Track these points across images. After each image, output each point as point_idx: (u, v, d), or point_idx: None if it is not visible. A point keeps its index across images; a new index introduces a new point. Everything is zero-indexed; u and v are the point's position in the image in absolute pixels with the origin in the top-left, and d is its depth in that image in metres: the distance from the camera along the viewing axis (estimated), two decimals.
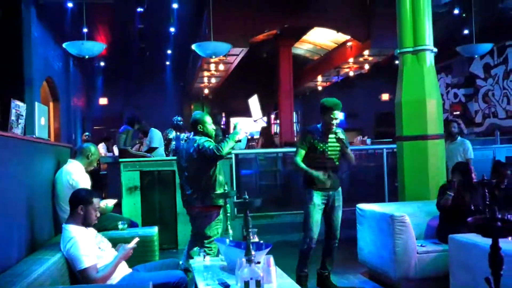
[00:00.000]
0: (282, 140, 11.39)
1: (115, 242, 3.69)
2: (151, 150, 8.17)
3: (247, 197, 3.41)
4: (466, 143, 7.08)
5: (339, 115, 4.58)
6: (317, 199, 4.61)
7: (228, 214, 4.38)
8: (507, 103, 13.12)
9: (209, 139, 4.44)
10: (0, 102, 5.46)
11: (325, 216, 4.72)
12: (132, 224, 4.68)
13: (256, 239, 3.90)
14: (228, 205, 4.36)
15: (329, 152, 4.63)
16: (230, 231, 4.18)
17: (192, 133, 4.63)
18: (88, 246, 3.30)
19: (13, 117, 3.54)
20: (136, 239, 3.63)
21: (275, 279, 3.40)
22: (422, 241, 4.96)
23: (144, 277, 3.39)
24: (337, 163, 4.72)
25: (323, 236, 4.81)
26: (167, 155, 8.12)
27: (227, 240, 3.99)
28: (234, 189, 7.08)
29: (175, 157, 7.98)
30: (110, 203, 4.65)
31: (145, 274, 3.51)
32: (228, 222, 4.30)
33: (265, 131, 9.54)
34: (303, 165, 4.59)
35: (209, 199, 4.41)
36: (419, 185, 5.85)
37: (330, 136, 4.63)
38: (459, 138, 7.11)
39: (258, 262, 3.34)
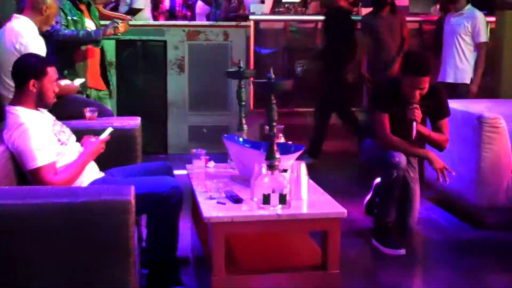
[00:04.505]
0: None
1: (80, 135, 3.73)
2: (133, 11, 8.06)
3: (272, 75, 3.38)
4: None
5: (424, 83, 4.20)
6: None
7: (243, 104, 4.38)
8: None
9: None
10: None
11: None
12: (105, 113, 4.71)
13: (283, 139, 3.93)
14: (242, 90, 4.34)
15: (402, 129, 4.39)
16: (245, 127, 4.20)
17: None
18: (43, 137, 3.32)
19: None
20: (109, 130, 3.66)
21: (307, 193, 3.45)
22: None
23: (123, 183, 3.45)
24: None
25: None
26: (155, 18, 8.03)
27: (240, 139, 4.03)
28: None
29: (167, 22, 7.96)
30: (76, 81, 4.67)
31: (124, 180, 3.57)
32: (243, 116, 4.31)
33: None
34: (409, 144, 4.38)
35: None
36: None
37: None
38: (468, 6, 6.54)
39: (285, 170, 3.38)
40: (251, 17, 7.50)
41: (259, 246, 3.71)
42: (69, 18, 5.06)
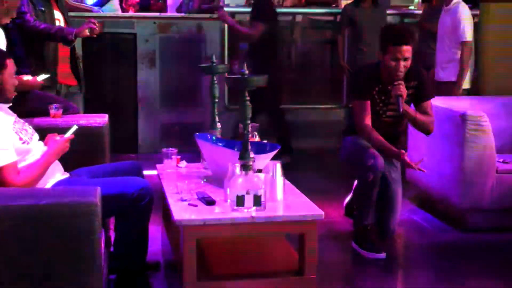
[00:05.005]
0: None
1: (44, 133, 3.71)
2: (100, 3, 8.03)
3: (245, 71, 3.39)
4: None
5: (407, 52, 4.23)
6: None
7: (216, 101, 4.37)
8: None
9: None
10: None
11: None
12: (71, 109, 4.68)
13: (258, 138, 3.94)
14: (215, 86, 4.34)
15: (388, 115, 4.48)
16: (218, 125, 4.20)
17: None
18: (3, 136, 3.30)
19: None
20: (75, 127, 3.64)
21: (283, 195, 3.46)
22: (505, 155, 5.04)
23: (89, 183, 3.44)
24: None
25: None
26: (125, 10, 7.99)
27: (213, 137, 4.03)
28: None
29: (137, 14, 7.91)
30: (40, 77, 4.64)
31: (90, 181, 3.56)
32: (216, 113, 4.31)
33: None
34: (381, 139, 4.34)
35: None
36: (509, 72, 5.84)
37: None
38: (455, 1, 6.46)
39: (260, 170, 3.39)
40: (225, 9, 7.50)
41: (233, 250, 3.71)
42: (37, 8, 5.02)
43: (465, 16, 6.04)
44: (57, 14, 5.21)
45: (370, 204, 4.44)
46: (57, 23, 5.18)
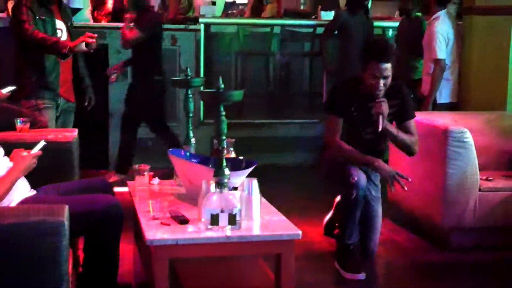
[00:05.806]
0: (280, 7, 11.19)
1: (9, 148, 3.68)
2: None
3: (222, 85, 3.39)
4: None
5: (387, 70, 4.25)
6: None
7: (190, 115, 4.38)
8: None
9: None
10: None
11: None
12: (38, 123, 4.66)
13: (233, 154, 3.94)
14: (190, 100, 4.35)
15: (367, 132, 4.48)
16: (193, 141, 4.19)
17: None
18: None
19: None
20: (42, 143, 3.62)
21: (259, 213, 3.46)
22: (489, 172, 5.07)
23: (57, 201, 3.41)
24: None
25: None
26: (97, 20, 7.97)
27: (187, 153, 4.02)
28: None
29: (109, 24, 7.86)
30: (5, 89, 4.62)
31: (57, 199, 3.53)
32: (190, 128, 4.31)
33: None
34: (351, 148, 4.37)
35: None
36: (492, 87, 5.89)
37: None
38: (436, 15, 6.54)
39: (235, 188, 3.38)
40: (201, 20, 7.50)
41: (207, 271, 3.71)
42: (37, 17, 4.99)
43: (439, 34, 6.10)
44: (59, 24, 5.19)
45: (353, 223, 4.44)
46: (59, 33, 5.16)
